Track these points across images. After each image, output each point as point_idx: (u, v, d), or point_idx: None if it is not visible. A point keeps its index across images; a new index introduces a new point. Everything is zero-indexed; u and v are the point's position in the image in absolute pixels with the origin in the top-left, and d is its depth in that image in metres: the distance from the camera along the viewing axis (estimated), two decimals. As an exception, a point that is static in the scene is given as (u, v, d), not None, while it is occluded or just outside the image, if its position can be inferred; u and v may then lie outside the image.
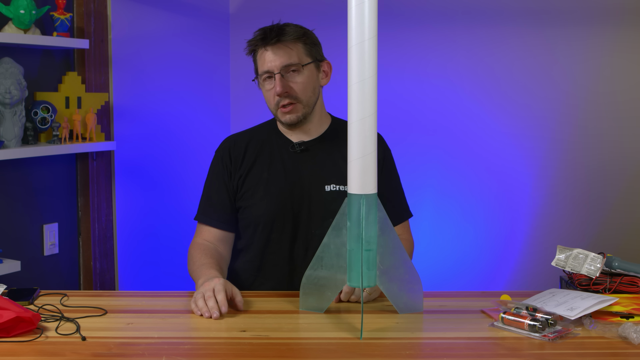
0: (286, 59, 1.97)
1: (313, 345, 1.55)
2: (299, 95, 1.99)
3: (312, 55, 2.02)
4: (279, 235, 2.03)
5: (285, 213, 2.02)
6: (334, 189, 2.02)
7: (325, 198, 2.01)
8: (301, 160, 2.05)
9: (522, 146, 3.45)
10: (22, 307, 1.58)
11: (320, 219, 2.00)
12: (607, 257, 1.82)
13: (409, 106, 3.51)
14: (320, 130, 2.09)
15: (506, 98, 3.45)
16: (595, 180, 3.41)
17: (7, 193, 2.59)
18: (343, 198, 1.98)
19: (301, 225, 2.02)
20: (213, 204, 2.08)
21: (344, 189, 2.01)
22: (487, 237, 3.50)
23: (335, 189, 2.02)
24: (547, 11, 3.38)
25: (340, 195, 2.00)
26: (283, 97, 1.98)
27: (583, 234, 3.41)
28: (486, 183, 3.49)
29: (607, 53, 3.36)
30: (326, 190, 2.02)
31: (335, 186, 2.02)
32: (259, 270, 2.05)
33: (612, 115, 3.38)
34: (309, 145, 2.07)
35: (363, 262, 1.59)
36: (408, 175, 3.52)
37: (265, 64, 1.99)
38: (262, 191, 2.04)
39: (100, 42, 2.85)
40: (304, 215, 2.02)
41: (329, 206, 1.98)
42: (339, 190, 2.02)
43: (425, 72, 3.49)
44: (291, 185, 2.03)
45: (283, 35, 1.98)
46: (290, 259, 2.03)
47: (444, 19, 3.45)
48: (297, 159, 2.05)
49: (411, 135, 3.51)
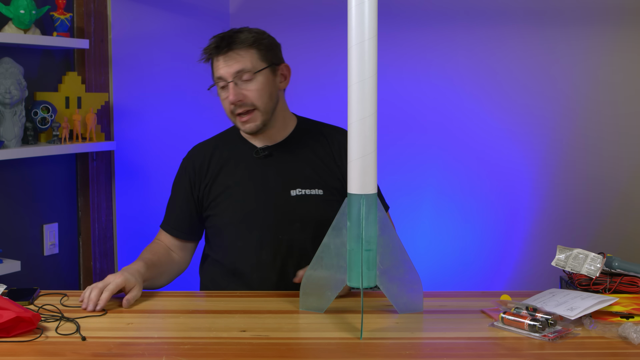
0: (238, 67, 1.95)
1: (313, 345, 1.55)
2: (255, 102, 1.97)
3: (267, 59, 1.99)
4: (245, 243, 2.02)
5: (251, 220, 2.02)
6: (299, 193, 2.02)
7: (290, 203, 2.01)
8: (266, 165, 2.05)
9: (522, 146, 3.45)
10: (22, 307, 1.58)
11: (286, 224, 2.01)
12: (607, 257, 1.82)
13: (409, 106, 3.51)
14: (285, 134, 2.08)
15: (506, 98, 3.45)
16: (595, 180, 3.41)
17: (7, 193, 2.59)
18: (309, 202, 2.01)
19: (267, 231, 2.01)
20: (174, 213, 2.13)
21: (309, 192, 2.02)
22: (487, 237, 3.50)
23: (300, 193, 2.02)
24: (547, 11, 3.38)
25: (306, 200, 2.01)
26: (238, 106, 1.97)
27: (583, 234, 3.41)
28: (486, 183, 3.49)
29: (607, 53, 3.36)
30: (291, 195, 2.02)
31: (301, 190, 2.02)
32: (233, 275, 2.05)
33: (612, 115, 3.37)
34: (273, 150, 2.06)
35: (363, 262, 1.59)
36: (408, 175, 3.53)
37: (218, 73, 1.98)
38: (227, 199, 2.05)
39: (100, 42, 2.85)
40: (270, 221, 2.01)
41: (295, 211, 2.00)
42: (304, 195, 2.02)
43: (425, 72, 3.49)
44: (256, 192, 2.03)
45: (234, 43, 1.96)
46: (258, 266, 2.02)
47: (444, 19, 3.45)
48: (262, 165, 2.05)
49: (411, 135, 3.51)
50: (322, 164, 2.05)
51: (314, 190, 2.02)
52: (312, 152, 2.07)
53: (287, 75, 2.06)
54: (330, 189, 2.03)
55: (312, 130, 2.11)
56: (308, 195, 2.02)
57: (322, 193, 2.02)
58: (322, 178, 2.04)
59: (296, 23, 3.56)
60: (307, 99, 3.43)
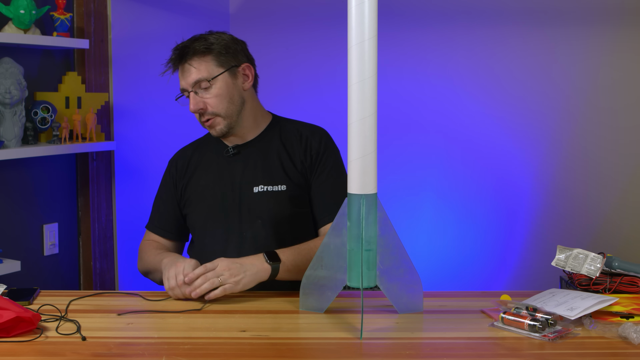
0: (195, 77, 1.99)
1: (313, 345, 1.55)
2: (214, 110, 2.01)
3: (224, 64, 2.01)
4: (212, 240, 2.07)
5: (216, 217, 2.06)
6: (261, 189, 2.04)
7: (253, 199, 2.04)
8: (234, 163, 2.09)
9: (522, 146, 3.45)
10: (22, 307, 1.59)
11: (249, 221, 2.03)
12: (607, 257, 1.82)
13: (409, 106, 3.51)
14: (256, 132, 2.11)
15: (506, 98, 3.45)
16: (595, 180, 3.41)
17: (7, 193, 2.59)
18: (272, 198, 2.03)
19: (232, 228, 2.05)
20: (159, 213, 2.18)
21: (271, 189, 2.04)
22: (487, 237, 3.50)
23: (262, 190, 2.04)
24: (547, 11, 3.38)
25: (268, 196, 2.03)
26: (200, 114, 2.02)
27: (583, 234, 3.41)
28: (486, 183, 3.49)
29: (607, 53, 3.36)
30: (254, 191, 2.04)
31: (263, 187, 2.04)
32: None
33: (612, 115, 3.38)
34: (242, 148, 2.09)
35: (363, 262, 1.59)
36: (408, 175, 3.53)
37: (180, 84, 2.04)
38: (197, 198, 2.10)
39: (100, 42, 2.85)
40: (235, 218, 2.05)
41: (257, 207, 2.03)
42: (266, 191, 2.04)
43: (425, 72, 3.49)
44: (223, 190, 2.07)
45: (187, 55, 2.01)
46: None
47: (444, 19, 3.45)
48: (230, 163, 2.09)
49: (411, 135, 3.51)
50: (288, 160, 2.07)
51: (276, 187, 2.04)
52: (279, 148, 2.09)
53: (250, 74, 2.06)
54: (294, 185, 2.05)
55: (285, 128, 2.13)
56: (270, 192, 2.04)
57: (285, 189, 2.04)
58: (286, 174, 2.06)
59: (296, 23, 3.56)
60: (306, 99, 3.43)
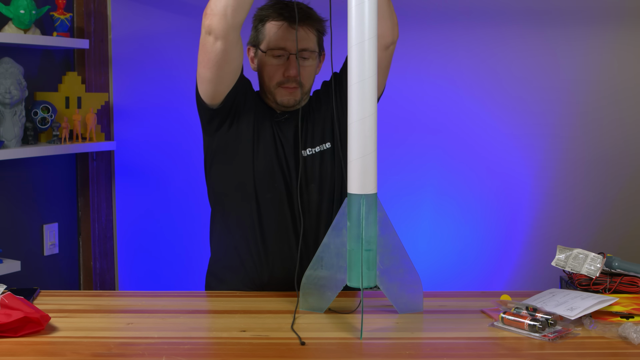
0: (306, 44, 1.94)
1: (313, 345, 1.55)
2: (304, 82, 1.97)
3: (320, 45, 2.02)
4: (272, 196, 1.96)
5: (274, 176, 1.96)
6: (309, 152, 1.99)
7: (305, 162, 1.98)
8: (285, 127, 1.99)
9: (522, 146, 3.45)
10: (34, 307, 1.57)
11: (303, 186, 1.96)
12: (607, 257, 1.82)
13: (409, 106, 3.51)
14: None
15: (507, 98, 3.45)
16: (596, 180, 3.41)
17: (7, 193, 2.59)
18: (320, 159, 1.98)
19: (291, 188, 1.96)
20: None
21: (318, 150, 1.99)
22: (487, 237, 3.50)
23: (311, 153, 1.99)
24: (548, 11, 3.38)
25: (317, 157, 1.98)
26: (291, 80, 1.95)
27: (583, 234, 3.41)
28: (486, 183, 3.49)
29: (607, 53, 3.36)
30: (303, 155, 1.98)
31: (311, 150, 1.99)
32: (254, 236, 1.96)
33: (612, 115, 3.38)
34: (292, 114, 2.00)
35: (363, 262, 1.59)
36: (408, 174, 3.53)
37: (283, 41, 1.94)
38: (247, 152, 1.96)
39: (100, 42, 2.85)
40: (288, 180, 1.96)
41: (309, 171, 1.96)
42: (314, 153, 1.99)
43: (426, 72, 3.48)
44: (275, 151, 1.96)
45: (310, 19, 1.96)
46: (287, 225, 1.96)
47: (445, 19, 3.45)
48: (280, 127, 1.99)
49: (411, 135, 3.51)
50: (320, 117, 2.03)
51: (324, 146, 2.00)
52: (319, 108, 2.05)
53: (321, 64, 2.08)
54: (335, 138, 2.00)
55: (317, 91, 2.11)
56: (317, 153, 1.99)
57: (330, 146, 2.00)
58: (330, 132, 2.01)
59: (296, 23, 3.55)
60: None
